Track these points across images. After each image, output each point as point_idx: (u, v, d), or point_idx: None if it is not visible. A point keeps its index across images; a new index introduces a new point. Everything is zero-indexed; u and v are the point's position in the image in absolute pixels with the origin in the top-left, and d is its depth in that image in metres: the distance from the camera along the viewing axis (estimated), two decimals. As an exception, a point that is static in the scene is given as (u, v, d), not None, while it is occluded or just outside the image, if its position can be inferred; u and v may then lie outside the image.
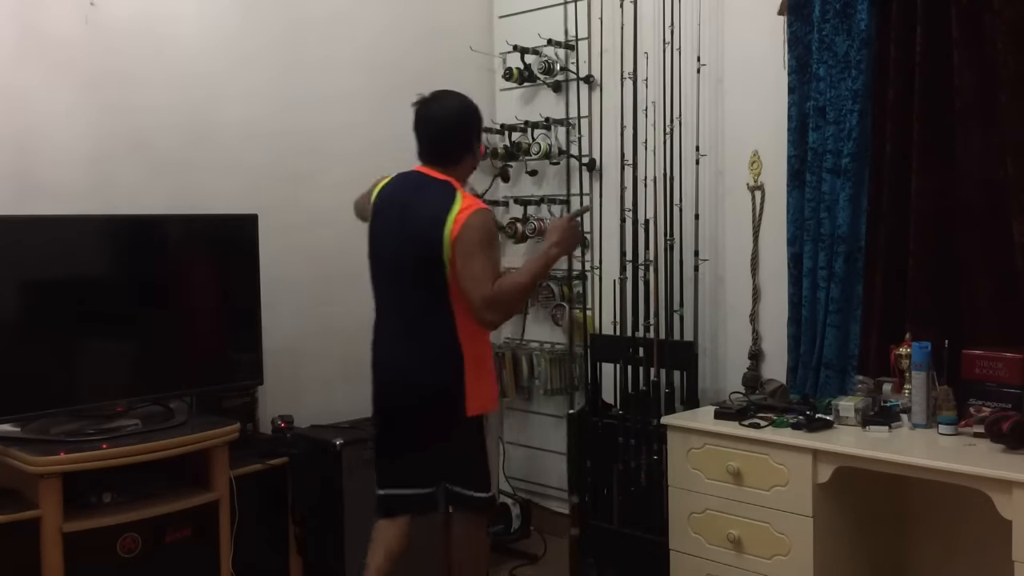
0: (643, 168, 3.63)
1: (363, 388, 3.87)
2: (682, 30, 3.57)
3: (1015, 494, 2.38)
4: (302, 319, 3.78)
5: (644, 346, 3.57)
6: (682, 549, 3.07)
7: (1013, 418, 2.59)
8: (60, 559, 2.75)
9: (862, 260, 3.19)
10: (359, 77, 3.97)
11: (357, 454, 3.44)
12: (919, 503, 3.06)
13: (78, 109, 3.21)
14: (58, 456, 2.75)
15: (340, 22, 3.91)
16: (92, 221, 3.12)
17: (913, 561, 3.10)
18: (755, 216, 3.53)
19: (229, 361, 3.41)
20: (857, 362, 3.18)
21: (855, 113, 3.14)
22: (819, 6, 3.20)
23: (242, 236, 3.38)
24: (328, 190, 3.85)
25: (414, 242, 2.80)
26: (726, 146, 3.60)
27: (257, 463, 3.25)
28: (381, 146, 3.90)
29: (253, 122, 3.64)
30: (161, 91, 3.41)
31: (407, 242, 2.83)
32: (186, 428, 3.06)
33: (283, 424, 3.49)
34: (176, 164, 3.44)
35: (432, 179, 2.87)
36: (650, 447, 3.45)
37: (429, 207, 2.80)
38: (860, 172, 3.18)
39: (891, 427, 2.82)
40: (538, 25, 4.09)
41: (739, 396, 3.35)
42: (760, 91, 3.48)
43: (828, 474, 2.72)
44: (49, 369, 2.97)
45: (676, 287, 3.55)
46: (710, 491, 2.98)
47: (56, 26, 3.17)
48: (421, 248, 2.78)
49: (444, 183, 2.84)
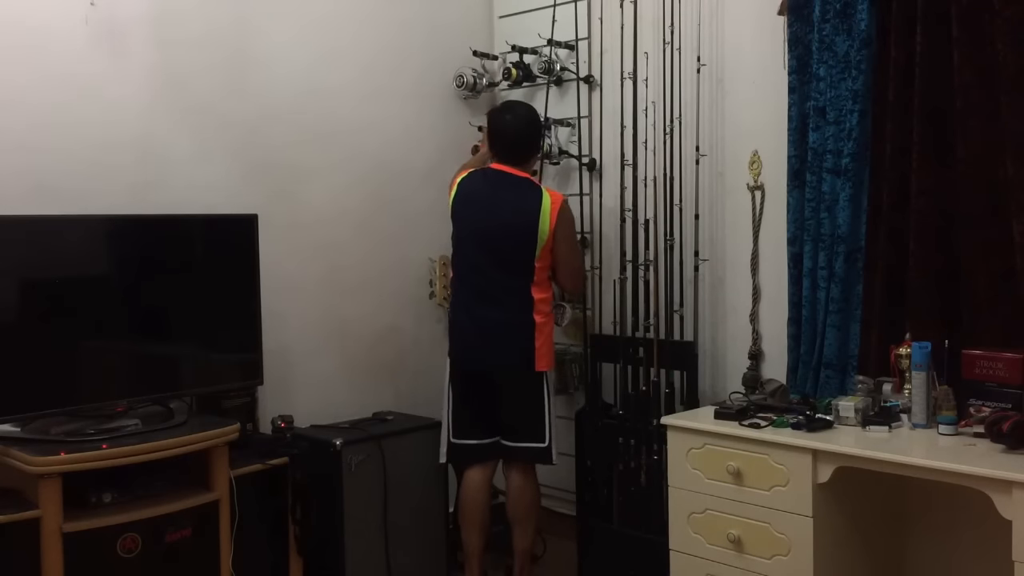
0: (643, 168, 3.64)
1: (363, 388, 3.89)
2: (682, 30, 3.57)
3: (1015, 494, 2.38)
4: (302, 319, 3.78)
5: (644, 346, 3.57)
6: (682, 549, 3.07)
7: (1013, 418, 2.59)
8: (60, 559, 2.75)
9: (862, 260, 3.19)
10: (359, 77, 3.97)
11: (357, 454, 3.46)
12: (919, 503, 3.06)
13: (78, 109, 3.22)
14: (58, 456, 2.75)
15: (341, 22, 3.91)
16: (92, 221, 3.12)
17: (913, 561, 3.10)
18: (755, 216, 3.53)
19: (229, 361, 3.41)
20: (857, 362, 3.18)
21: (855, 113, 3.14)
22: (819, 6, 3.20)
23: (242, 236, 3.37)
24: (329, 190, 3.85)
25: (507, 229, 3.37)
26: (726, 146, 3.60)
27: (257, 463, 3.25)
28: (381, 146, 3.91)
29: (253, 121, 3.64)
30: (161, 90, 3.41)
31: (500, 228, 3.37)
32: (186, 428, 3.06)
33: (283, 424, 3.48)
34: (176, 164, 3.44)
35: (515, 176, 3.45)
36: (650, 447, 3.46)
37: (521, 200, 3.38)
38: (860, 172, 3.18)
39: (891, 427, 2.82)
40: (538, 25, 4.10)
41: (739, 396, 3.35)
42: (760, 91, 3.48)
43: (828, 474, 2.72)
44: (49, 369, 2.96)
45: (676, 287, 3.56)
46: (710, 491, 2.98)
47: (56, 26, 3.17)
48: (516, 234, 3.35)
49: (526, 179, 3.47)
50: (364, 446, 3.49)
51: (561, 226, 3.38)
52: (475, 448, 3.46)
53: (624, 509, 3.59)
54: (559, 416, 4.08)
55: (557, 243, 3.37)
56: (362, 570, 3.46)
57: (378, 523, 3.49)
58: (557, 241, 3.37)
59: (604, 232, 3.92)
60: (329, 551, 3.42)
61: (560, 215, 3.37)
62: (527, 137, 3.51)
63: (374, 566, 3.49)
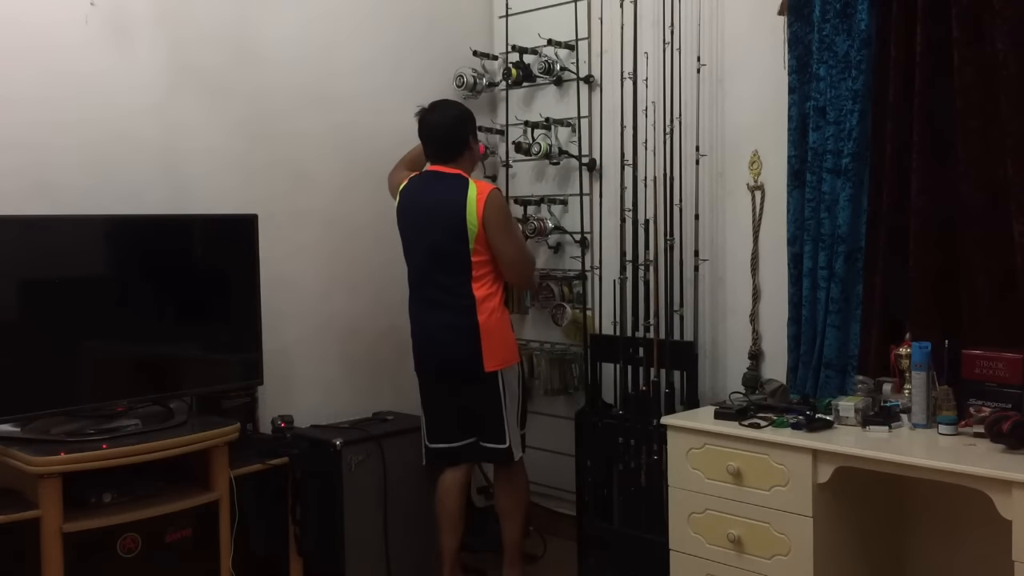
0: (643, 168, 3.64)
1: (363, 388, 3.90)
2: (682, 30, 3.57)
3: (1015, 494, 2.38)
4: (302, 319, 3.78)
5: (644, 346, 3.57)
6: (682, 549, 3.07)
7: (1013, 418, 2.59)
8: (60, 559, 2.75)
9: (862, 260, 3.19)
10: (359, 77, 3.97)
11: (357, 454, 3.46)
12: (919, 503, 3.06)
13: (78, 108, 3.21)
14: (58, 456, 2.75)
15: (340, 23, 3.91)
16: (92, 221, 3.12)
17: (913, 561, 3.10)
18: (755, 216, 3.53)
19: (229, 361, 3.41)
20: (857, 362, 3.18)
21: (855, 113, 3.14)
22: (819, 6, 3.20)
23: (242, 236, 3.37)
24: (328, 190, 3.85)
25: (440, 225, 3.34)
26: (726, 146, 3.60)
27: (257, 463, 3.25)
28: (381, 146, 3.91)
29: (253, 122, 3.64)
30: (161, 90, 3.41)
31: (435, 227, 3.36)
32: (186, 428, 3.06)
33: (283, 424, 3.48)
34: (176, 163, 3.44)
35: (446, 174, 3.41)
36: (650, 447, 3.46)
37: (449, 194, 3.35)
38: (860, 172, 3.18)
39: (891, 427, 2.82)
40: (538, 25, 4.10)
41: (739, 396, 3.35)
42: (760, 91, 3.48)
43: (828, 474, 2.72)
44: (49, 369, 2.96)
45: (676, 287, 3.56)
46: (710, 491, 2.98)
47: (56, 25, 3.17)
48: (447, 228, 3.32)
49: (456, 175, 3.40)
50: (364, 446, 3.49)
51: (489, 214, 3.30)
52: (446, 451, 3.47)
53: (624, 509, 3.59)
54: (559, 416, 4.10)
55: (489, 234, 3.31)
56: (362, 570, 3.46)
57: (378, 523, 3.49)
58: (489, 231, 3.31)
59: (604, 232, 3.92)
60: (329, 551, 3.42)
61: (487, 203, 3.31)
62: (455, 134, 3.45)
63: (374, 566, 3.49)
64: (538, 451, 4.12)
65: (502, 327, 3.39)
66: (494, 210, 3.33)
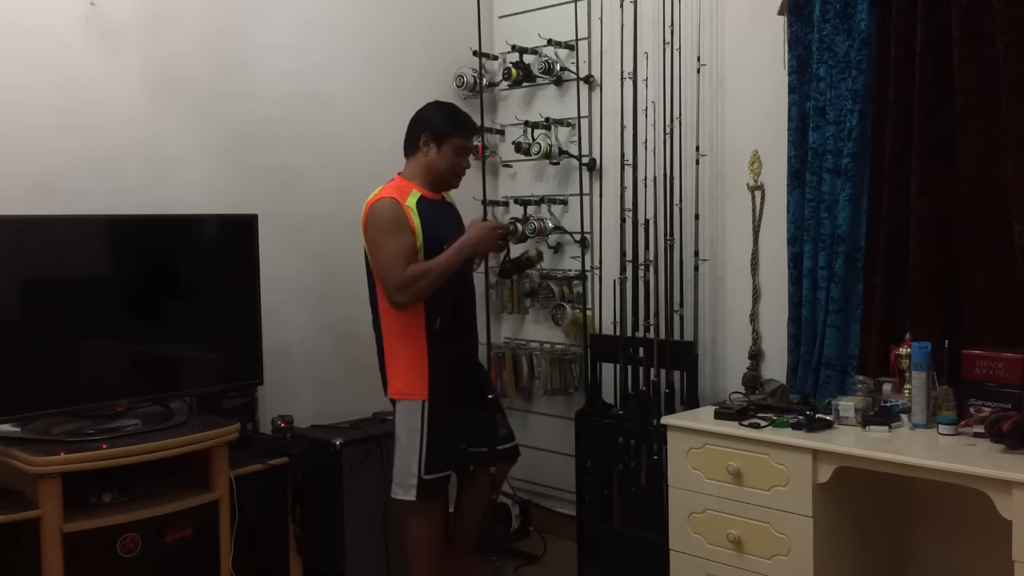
0: (643, 168, 3.63)
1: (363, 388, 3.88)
2: (682, 30, 3.57)
3: (1015, 494, 2.38)
4: (302, 319, 3.78)
5: (644, 346, 3.57)
6: (682, 549, 3.07)
7: (1013, 418, 2.59)
8: (60, 559, 2.75)
9: (862, 260, 3.19)
10: (359, 77, 3.97)
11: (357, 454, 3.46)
12: (919, 503, 3.06)
13: (78, 109, 3.21)
14: (58, 456, 2.75)
15: (341, 23, 3.91)
16: (92, 221, 3.12)
17: (913, 561, 3.10)
18: (755, 216, 3.53)
19: (229, 361, 3.41)
20: (857, 362, 3.18)
21: (855, 113, 3.14)
22: (819, 6, 3.20)
23: (242, 236, 3.37)
24: (328, 190, 3.85)
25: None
26: (726, 146, 3.60)
27: (257, 463, 3.25)
28: (381, 146, 3.90)
29: (254, 121, 3.64)
30: (161, 91, 3.41)
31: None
32: (186, 428, 3.06)
33: (283, 424, 3.49)
34: (176, 164, 3.44)
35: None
36: (650, 447, 3.45)
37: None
38: (860, 172, 3.18)
39: (891, 427, 2.82)
40: (538, 25, 4.10)
41: (739, 396, 3.35)
42: (760, 91, 3.48)
43: (828, 474, 2.72)
44: (49, 369, 2.96)
45: (676, 287, 3.55)
46: (710, 491, 2.98)
47: (56, 26, 3.17)
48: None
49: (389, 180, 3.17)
50: (364, 446, 3.49)
51: (367, 228, 3.05)
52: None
53: (624, 509, 3.59)
54: (559, 416, 4.10)
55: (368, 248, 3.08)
56: (362, 570, 3.46)
57: (378, 523, 3.49)
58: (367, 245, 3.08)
59: (604, 232, 3.92)
60: (329, 551, 3.42)
61: (368, 216, 3.04)
62: (409, 133, 3.22)
63: (374, 566, 3.49)
64: (538, 451, 4.13)
65: (410, 351, 3.09)
66: (371, 224, 3.04)
